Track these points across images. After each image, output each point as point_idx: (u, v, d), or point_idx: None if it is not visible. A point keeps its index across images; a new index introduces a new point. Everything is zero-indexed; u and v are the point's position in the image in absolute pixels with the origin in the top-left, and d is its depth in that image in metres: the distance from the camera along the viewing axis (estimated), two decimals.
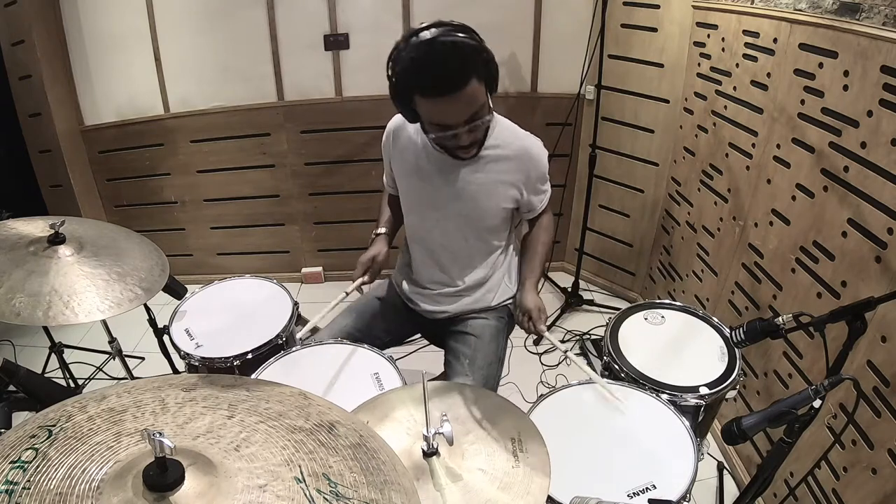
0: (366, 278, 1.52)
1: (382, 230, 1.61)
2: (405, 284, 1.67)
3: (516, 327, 1.75)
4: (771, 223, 1.76)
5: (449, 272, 1.57)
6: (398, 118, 1.51)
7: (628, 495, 1.08)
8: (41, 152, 2.80)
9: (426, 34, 1.18)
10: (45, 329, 2.09)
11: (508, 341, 1.66)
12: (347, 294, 1.48)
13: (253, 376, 1.36)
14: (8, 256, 1.34)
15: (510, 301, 1.65)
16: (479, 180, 1.43)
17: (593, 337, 2.59)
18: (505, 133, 1.44)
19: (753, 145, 1.84)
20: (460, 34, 1.20)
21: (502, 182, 1.45)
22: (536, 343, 1.46)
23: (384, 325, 1.66)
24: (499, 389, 1.61)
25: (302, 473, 0.72)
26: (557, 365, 2.45)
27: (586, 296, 2.87)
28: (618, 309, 1.66)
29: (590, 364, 2.46)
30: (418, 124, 1.41)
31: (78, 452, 0.69)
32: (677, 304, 1.65)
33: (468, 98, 1.20)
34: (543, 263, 1.59)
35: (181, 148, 2.83)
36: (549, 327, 2.63)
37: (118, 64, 2.66)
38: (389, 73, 1.24)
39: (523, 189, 1.48)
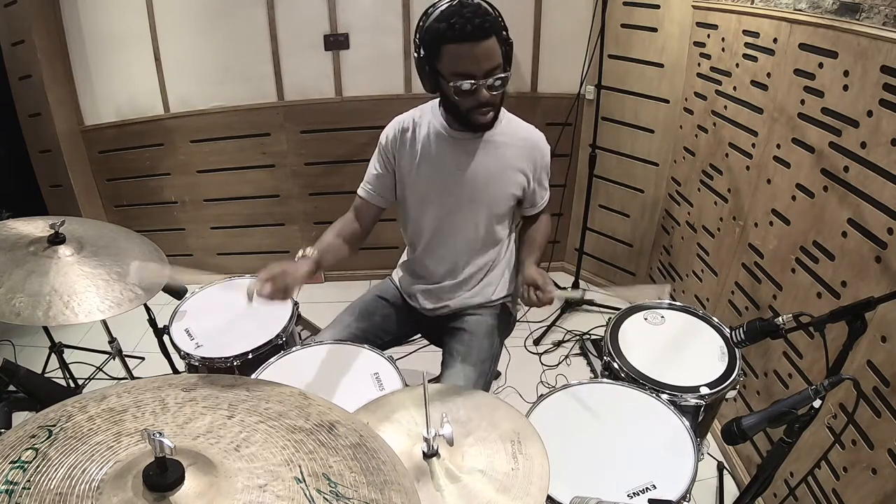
0: (266, 288, 1.18)
1: (309, 251, 1.36)
2: (407, 282, 1.68)
3: (515, 329, 1.76)
4: (771, 223, 1.76)
5: (455, 262, 1.58)
6: (398, 119, 1.54)
7: (628, 495, 1.08)
8: (41, 152, 2.80)
9: None
10: (45, 329, 2.08)
11: (508, 342, 1.66)
12: (230, 278, 1.31)
13: (253, 376, 1.36)
14: (8, 256, 1.34)
15: (508, 298, 1.66)
16: (491, 164, 1.48)
17: (593, 337, 2.58)
18: (513, 123, 1.52)
19: (753, 145, 1.84)
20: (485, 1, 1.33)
21: (512, 167, 1.50)
22: (557, 313, 1.44)
23: (385, 325, 1.66)
24: (499, 391, 1.61)
25: (302, 473, 0.72)
26: (557, 365, 2.45)
27: (586, 296, 2.86)
28: (618, 309, 1.66)
29: (590, 364, 2.46)
30: (429, 118, 1.48)
31: (78, 452, 0.69)
32: (677, 304, 1.65)
33: (490, 50, 1.30)
34: (541, 250, 1.60)
35: (181, 148, 2.83)
36: (549, 326, 2.63)
37: (118, 64, 2.66)
38: (417, 37, 1.34)
39: (531, 176, 1.52)
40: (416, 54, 1.36)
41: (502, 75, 1.33)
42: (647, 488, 1.09)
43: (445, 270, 1.60)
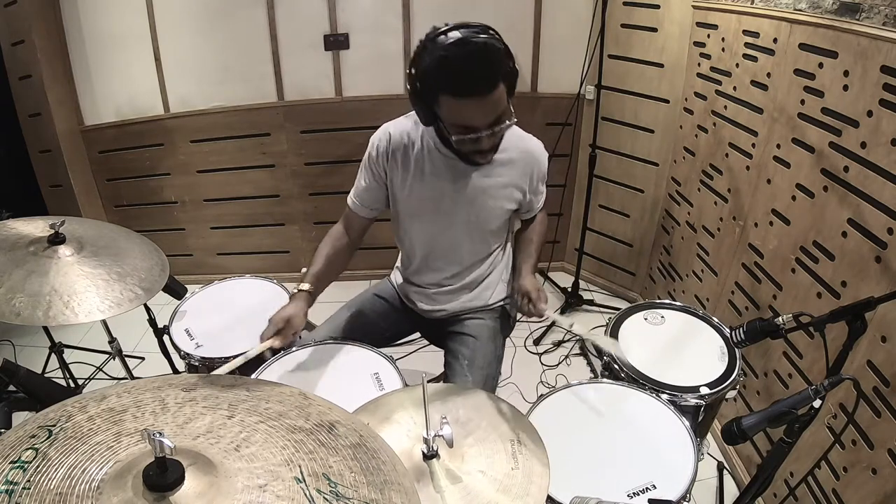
0: (276, 342, 1.29)
1: (306, 287, 1.40)
2: (403, 284, 1.67)
3: (514, 329, 1.76)
4: (771, 223, 1.76)
5: (448, 273, 1.57)
6: (386, 128, 1.48)
7: (628, 495, 1.08)
8: (41, 152, 2.80)
9: (455, 34, 1.16)
10: (45, 329, 2.08)
11: (508, 342, 1.66)
12: (246, 355, 1.24)
13: (253, 376, 1.36)
14: (8, 256, 1.34)
15: (507, 301, 1.65)
16: (487, 184, 1.43)
17: None
18: (509, 136, 1.43)
19: (753, 145, 1.84)
20: (489, 37, 1.19)
21: (508, 185, 1.46)
22: (549, 325, 1.45)
23: (383, 323, 1.66)
24: (499, 390, 1.61)
25: (302, 473, 0.72)
26: (557, 365, 2.45)
27: (586, 296, 2.87)
28: (618, 309, 1.66)
29: (589, 364, 2.47)
30: (422, 131, 1.42)
31: (78, 452, 0.69)
32: (677, 304, 1.65)
33: (495, 101, 1.19)
34: (539, 251, 1.59)
35: (181, 148, 2.83)
36: (549, 326, 2.62)
37: (118, 64, 2.66)
38: (413, 71, 1.21)
39: (527, 190, 1.49)
40: (409, 86, 1.23)
41: (508, 122, 1.25)
42: (647, 488, 1.09)
43: (440, 279, 1.59)
